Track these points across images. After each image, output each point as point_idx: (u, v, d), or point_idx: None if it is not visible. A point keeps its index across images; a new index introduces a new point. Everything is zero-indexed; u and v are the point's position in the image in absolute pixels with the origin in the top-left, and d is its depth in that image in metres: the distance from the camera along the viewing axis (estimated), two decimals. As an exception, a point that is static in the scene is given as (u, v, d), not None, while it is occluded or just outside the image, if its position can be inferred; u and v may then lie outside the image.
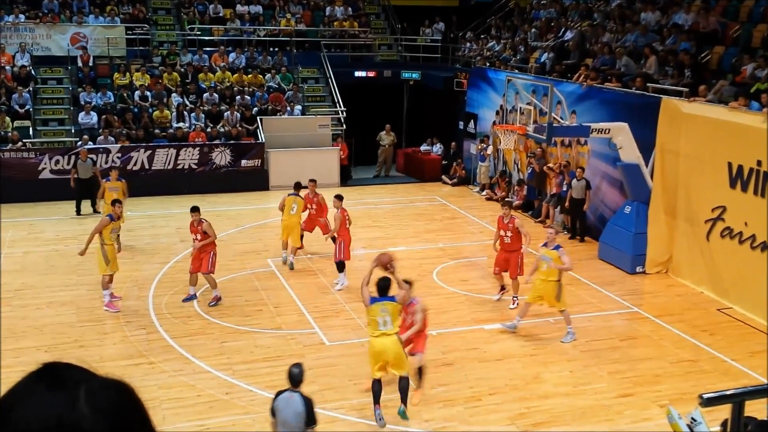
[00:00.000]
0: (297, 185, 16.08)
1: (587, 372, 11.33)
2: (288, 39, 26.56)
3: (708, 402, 3.57)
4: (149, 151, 21.48)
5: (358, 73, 26.59)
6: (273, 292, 14.41)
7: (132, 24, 25.44)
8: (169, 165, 21.65)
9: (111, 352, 11.70)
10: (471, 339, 12.45)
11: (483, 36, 26.25)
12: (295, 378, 7.83)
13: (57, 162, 20.54)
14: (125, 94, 23.11)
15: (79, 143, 21.00)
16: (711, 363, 11.72)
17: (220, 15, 26.76)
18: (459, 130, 24.90)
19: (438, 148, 25.35)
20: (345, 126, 24.51)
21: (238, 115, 23.33)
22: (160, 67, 24.41)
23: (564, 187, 18.48)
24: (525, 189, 20.88)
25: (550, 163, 19.53)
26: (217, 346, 11.96)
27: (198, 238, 13.55)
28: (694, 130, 14.75)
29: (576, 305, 14.02)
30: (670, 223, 15.58)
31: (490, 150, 22.49)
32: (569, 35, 21.31)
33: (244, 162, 22.26)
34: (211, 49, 25.70)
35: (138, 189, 20.44)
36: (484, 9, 27.78)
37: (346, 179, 23.71)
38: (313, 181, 16.33)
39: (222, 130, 22.97)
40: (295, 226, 15.80)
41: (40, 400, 1.23)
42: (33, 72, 23.43)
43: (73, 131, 22.31)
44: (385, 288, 9.64)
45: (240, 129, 23.08)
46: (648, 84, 16.52)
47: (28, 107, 22.29)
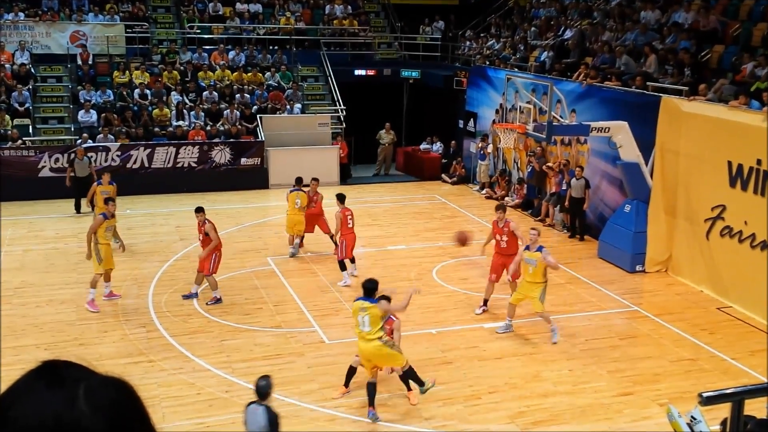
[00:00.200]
0: (298, 180, 16.32)
1: (587, 371, 11.34)
2: (288, 37, 26.54)
3: (707, 401, 3.57)
4: (149, 150, 21.47)
5: (357, 72, 26.56)
6: (273, 291, 14.41)
7: (131, 22, 25.43)
8: (168, 163, 21.65)
9: (110, 350, 11.70)
10: (470, 338, 12.45)
11: (483, 34, 26.25)
12: (260, 391, 7.63)
13: (57, 160, 20.54)
14: (125, 93, 23.11)
15: (79, 141, 20.99)
16: (711, 362, 11.72)
17: (220, 13, 26.76)
18: (459, 128, 24.89)
19: (438, 147, 25.34)
20: (345, 124, 24.51)
21: (238, 113, 23.32)
22: (160, 66, 24.39)
23: (563, 186, 18.48)
24: (525, 188, 20.89)
25: (550, 162, 19.52)
26: (217, 345, 11.97)
27: (201, 238, 13.64)
28: (693, 128, 14.74)
29: (575, 304, 14.05)
30: (670, 222, 15.58)
31: (490, 148, 22.49)
32: (569, 34, 21.30)
33: (243, 160, 22.26)
34: (211, 47, 25.69)
35: (137, 187, 20.50)
36: (483, 7, 27.77)
37: (346, 178, 23.71)
38: (316, 180, 16.40)
39: (221, 128, 22.96)
40: (299, 221, 15.98)
41: (39, 398, 1.23)
42: (33, 70, 23.42)
43: (72, 129, 22.31)
44: (370, 289, 9.65)
45: (240, 127, 23.08)
46: (648, 83, 16.51)
47: (27, 105, 22.28)
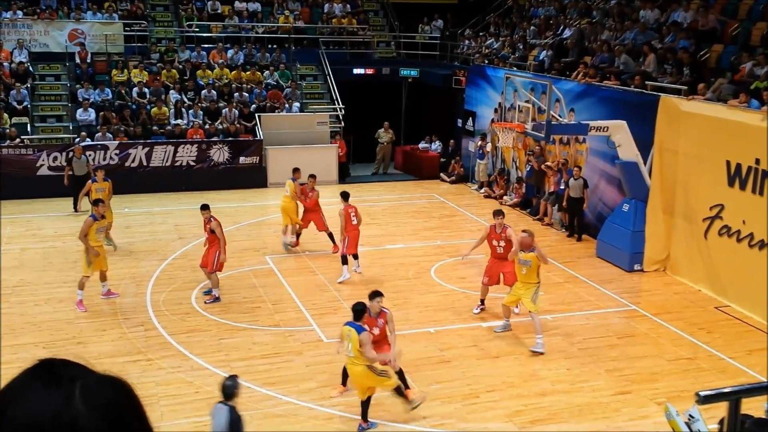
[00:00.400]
0: (294, 170, 16.69)
1: (585, 369, 11.34)
2: (286, 36, 26.53)
3: (705, 399, 3.57)
4: (147, 148, 21.46)
5: (356, 71, 26.56)
6: (271, 289, 14.41)
7: (130, 20, 25.40)
8: (167, 162, 21.63)
9: (109, 348, 11.71)
10: (469, 336, 12.45)
11: (482, 33, 26.24)
12: (225, 391, 7.50)
13: (55, 159, 20.52)
14: (123, 91, 23.08)
15: (77, 140, 20.97)
16: (708, 361, 11.73)
17: (219, 12, 26.74)
18: (457, 127, 24.89)
19: (436, 146, 25.34)
20: (343, 123, 24.49)
21: (237, 112, 23.31)
22: (158, 64, 24.37)
23: (562, 186, 18.47)
24: (523, 187, 20.89)
25: (549, 161, 19.52)
26: (215, 343, 11.97)
27: (206, 235, 13.69)
28: (692, 128, 14.74)
29: (574, 303, 14.06)
30: (669, 221, 15.59)
31: (488, 147, 22.49)
32: (568, 33, 21.30)
33: (242, 159, 22.25)
34: (210, 45, 25.67)
35: (136, 186, 20.49)
36: (482, 6, 27.77)
37: (345, 176, 23.69)
38: (313, 177, 16.45)
39: (220, 127, 22.95)
40: (285, 207, 16.35)
41: (36, 397, 1.23)
42: (31, 68, 23.39)
43: (71, 128, 22.28)
44: (358, 312, 9.48)
45: (238, 126, 23.08)
46: (647, 82, 16.51)
47: (26, 104, 22.26)
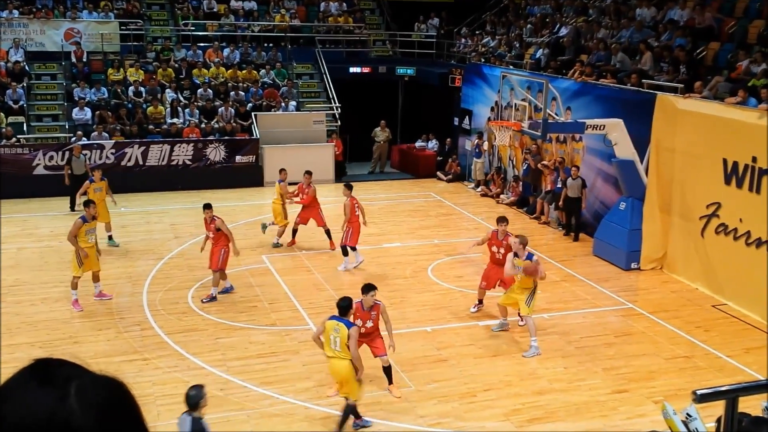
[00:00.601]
0: (280, 171, 16.87)
1: (582, 368, 11.35)
2: (282, 35, 26.51)
3: (702, 398, 3.57)
4: (143, 147, 21.42)
5: (352, 69, 26.54)
6: (267, 288, 14.39)
7: (126, 19, 25.35)
8: (163, 161, 21.60)
9: (105, 348, 11.68)
10: (466, 335, 12.45)
11: (478, 32, 26.25)
12: (188, 400, 7.42)
13: (51, 158, 20.48)
14: (119, 90, 23.06)
15: (73, 139, 20.94)
16: (705, 359, 11.74)
17: (214, 10, 26.71)
18: (454, 126, 24.88)
19: (433, 145, 25.33)
20: (340, 122, 24.49)
21: (233, 110, 23.28)
22: (154, 63, 24.34)
23: (558, 184, 18.47)
24: (520, 185, 20.89)
25: (545, 160, 19.52)
26: (212, 343, 11.96)
27: (211, 235, 13.64)
28: (689, 126, 14.75)
29: (571, 302, 14.06)
30: (665, 220, 15.60)
31: (485, 146, 22.49)
32: (564, 31, 21.31)
33: (238, 158, 22.23)
34: (206, 44, 25.65)
35: (132, 185, 20.45)
36: (479, 4, 27.77)
37: (341, 175, 23.67)
38: (309, 173, 16.48)
39: (216, 126, 22.93)
40: (273, 209, 16.67)
41: (31, 396, 1.23)
42: (27, 68, 23.35)
43: (67, 127, 22.25)
44: (344, 308, 9.42)
45: (234, 125, 23.05)
46: (643, 80, 16.52)
47: (22, 103, 22.22)
